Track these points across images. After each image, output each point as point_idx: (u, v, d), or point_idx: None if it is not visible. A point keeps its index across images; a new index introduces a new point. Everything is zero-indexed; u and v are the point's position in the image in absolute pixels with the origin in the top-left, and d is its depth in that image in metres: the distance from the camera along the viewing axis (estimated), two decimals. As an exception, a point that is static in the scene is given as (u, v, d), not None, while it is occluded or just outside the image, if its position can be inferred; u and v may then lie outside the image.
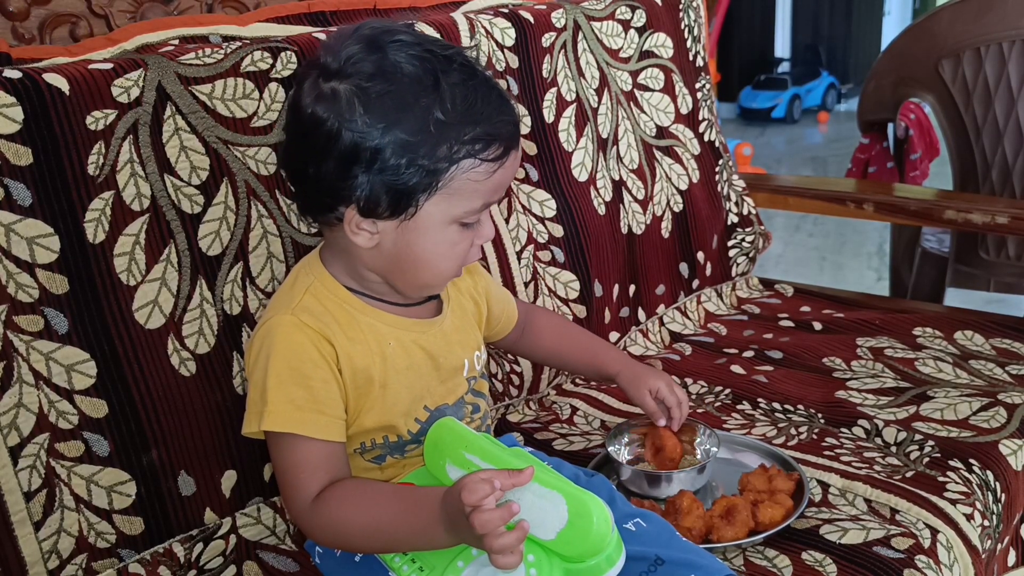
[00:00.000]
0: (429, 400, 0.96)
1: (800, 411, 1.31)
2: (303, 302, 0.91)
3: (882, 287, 3.41)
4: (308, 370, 0.88)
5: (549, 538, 0.79)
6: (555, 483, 0.80)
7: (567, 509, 0.78)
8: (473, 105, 0.86)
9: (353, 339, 0.91)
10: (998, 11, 2.10)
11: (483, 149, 0.86)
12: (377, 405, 0.93)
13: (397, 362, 0.93)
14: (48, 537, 0.93)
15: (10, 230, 0.91)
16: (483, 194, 0.88)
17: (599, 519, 0.78)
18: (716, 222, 1.69)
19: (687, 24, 1.67)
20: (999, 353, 1.47)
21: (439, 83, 0.84)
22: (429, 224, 0.88)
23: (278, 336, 0.89)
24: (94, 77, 0.99)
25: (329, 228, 0.92)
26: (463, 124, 0.85)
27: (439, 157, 0.85)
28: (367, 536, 0.86)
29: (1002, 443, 1.22)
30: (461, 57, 0.88)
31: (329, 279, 0.93)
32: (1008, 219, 1.64)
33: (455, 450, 0.86)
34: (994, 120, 2.16)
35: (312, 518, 0.87)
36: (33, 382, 0.92)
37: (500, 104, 0.88)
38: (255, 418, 0.88)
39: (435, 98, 0.84)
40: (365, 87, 0.84)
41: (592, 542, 0.78)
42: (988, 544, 1.12)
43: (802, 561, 1.00)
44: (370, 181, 0.85)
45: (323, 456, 0.88)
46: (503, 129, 0.87)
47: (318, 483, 0.88)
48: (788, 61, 8.01)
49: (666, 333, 1.58)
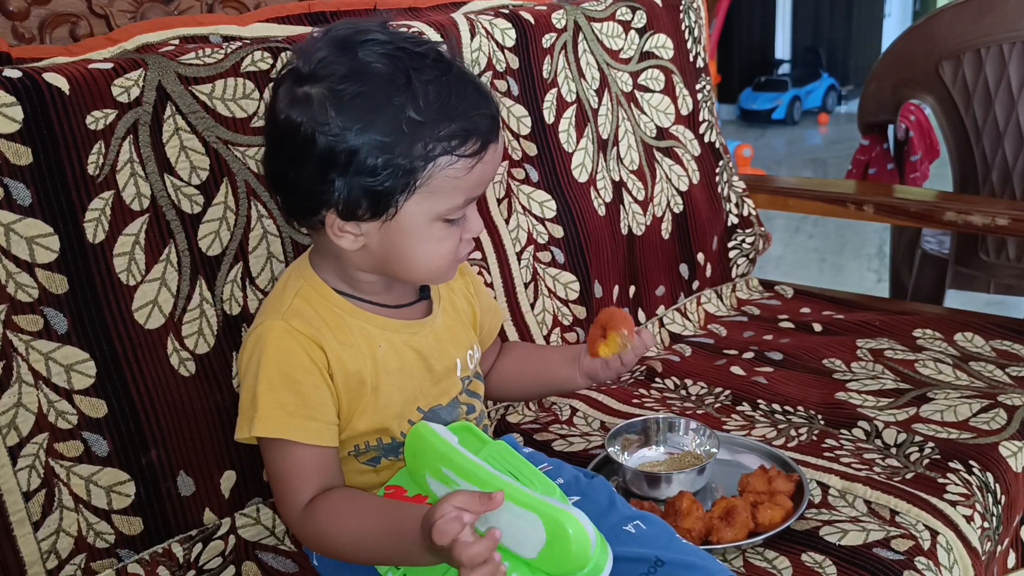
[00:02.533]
0: (422, 401, 0.96)
1: (800, 412, 1.31)
2: (293, 306, 0.91)
3: (882, 289, 3.41)
4: (299, 375, 0.88)
5: (531, 557, 0.78)
6: (530, 502, 0.78)
7: (544, 529, 0.77)
8: (447, 101, 0.85)
9: (343, 343, 0.91)
10: (998, 13, 2.10)
11: (460, 145, 0.85)
12: (370, 408, 0.92)
13: (388, 364, 0.93)
14: (47, 537, 0.93)
15: (10, 230, 0.91)
16: (464, 190, 0.87)
17: (576, 536, 0.76)
18: (716, 223, 1.69)
19: (687, 25, 1.67)
20: (999, 355, 1.47)
21: (411, 81, 0.84)
22: (412, 223, 0.87)
23: (269, 342, 0.88)
24: (94, 77, 0.99)
25: (316, 232, 0.92)
26: (438, 121, 0.84)
27: (415, 156, 0.84)
28: (353, 550, 0.86)
29: (1002, 445, 1.22)
30: (434, 52, 0.87)
31: (319, 282, 0.93)
32: (1008, 221, 1.64)
33: (433, 464, 0.85)
34: (994, 122, 2.15)
35: (303, 525, 0.88)
36: (32, 382, 0.92)
37: (476, 98, 0.87)
38: (246, 424, 0.88)
39: (408, 96, 0.83)
40: (337, 89, 0.83)
41: (573, 559, 0.76)
42: (988, 546, 1.12)
43: (802, 562, 1.00)
44: (348, 184, 0.84)
45: (315, 462, 0.88)
46: (479, 123, 0.86)
47: (310, 489, 0.88)
48: (788, 63, 8.02)
49: (666, 334, 1.58)
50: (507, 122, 1.38)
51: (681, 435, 1.20)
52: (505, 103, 1.38)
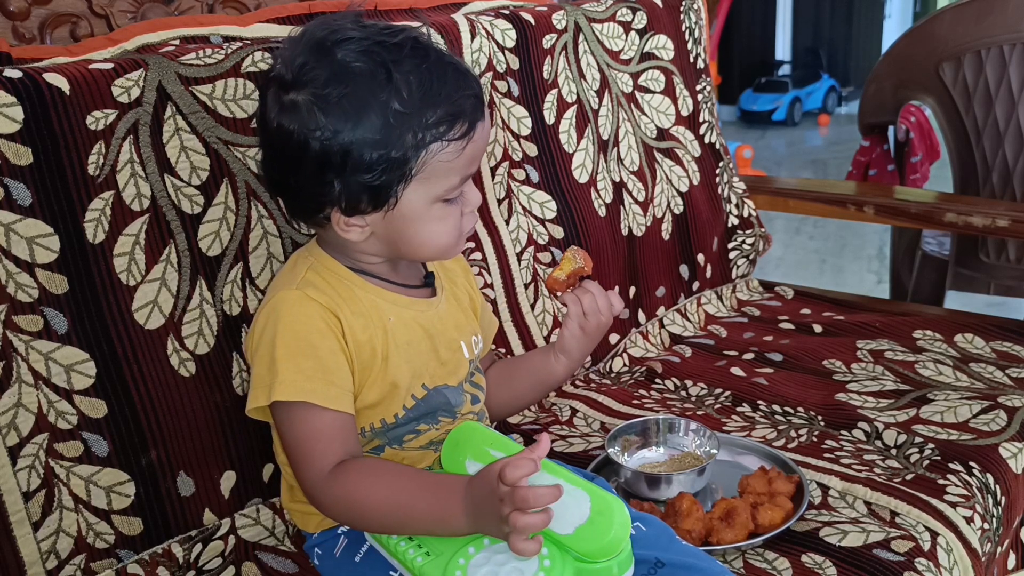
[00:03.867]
0: (428, 378, 0.97)
1: (800, 413, 1.31)
2: (306, 278, 0.92)
3: (882, 290, 3.41)
4: (316, 340, 0.88)
5: (567, 533, 0.80)
6: (579, 481, 0.81)
7: (590, 506, 0.79)
8: (430, 89, 0.86)
9: (356, 312, 0.92)
10: (999, 14, 2.10)
11: (448, 130, 0.87)
12: (379, 379, 0.93)
13: (398, 336, 0.94)
14: (47, 537, 0.92)
15: (10, 230, 0.91)
16: (458, 170, 0.89)
17: (620, 520, 0.78)
18: (716, 224, 1.69)
19: (688, 26, 1.67)
20: (999, 356, 1.47)
21: (392, 75, 0.85)
22: (413, 209, 0.89)
23: (284, 309, 0.89)
24: (94, 77, 0.99)
25: (322, 228, 0.94)
26: (423, 110, 0.86)
27: (407, 147, 0.86)
28: (384, 512, 0.86)
29: (1002, 446, 1.21)
30: (411, 41, 0.88)
31: (329, 259, 0.95)
32: (1008, 222, 1.64)
33: (479, 446, 0.87)
34: (995, 123, 2.15)
35: (328, 489, 0.87)
36: (32, 382, 0.92)
37: (457, 80, 0.89)
38: (263, 392, 0.88)
39: (391, 90, 0.85)
40: (322, 94, 0.85)
41: (609, 541, 0.78)
42: (988, 547, 1.12)
43: (802, 564, 1.00)
44: (346, 183, 0.86)
45: (336, 427, 0.89)
46: (464, 104, 0.88)
47: (334, 454, 0.88)
48: (789, 64, 8.03)
49: (666, 335, 1.58)
50: (507, 123, 1.38)
51: (681, 436, 1.20)
52: (505, 104, 1.38)
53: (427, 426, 0.97)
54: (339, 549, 0.95)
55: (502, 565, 0.82)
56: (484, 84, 1.34)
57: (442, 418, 0.98)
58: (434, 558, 0.86)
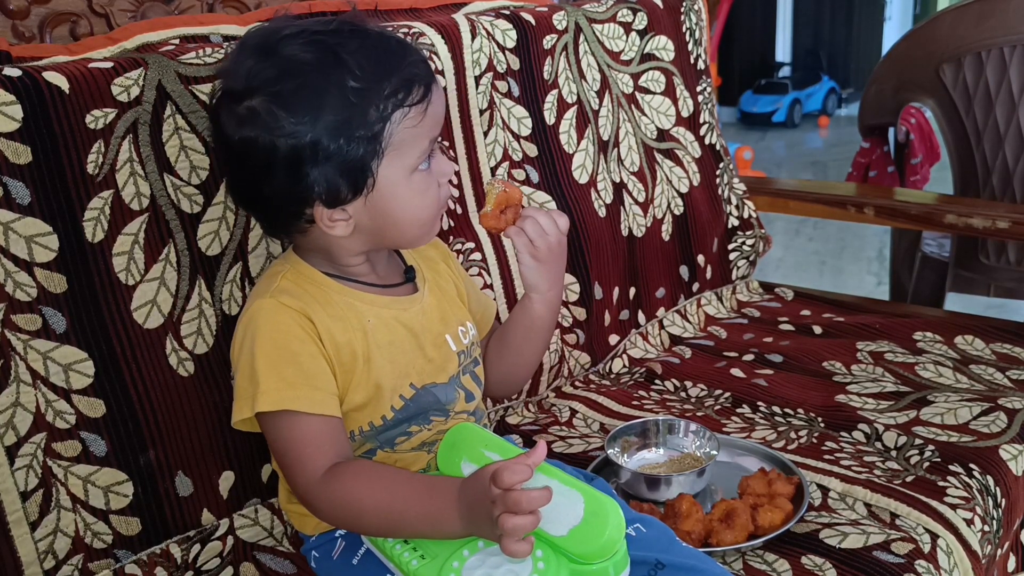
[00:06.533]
0: (415, 377, 0.96)
1: (800, 415, 1.31)
2: (280, 286, 0.92)
3: (882, 291, 3.41)
4: (296, 347, 0.89)
5: (561, 534, 0.79)
6: (574, 482, 0.81)
7: (584, 507, 0.79)
8: (380, 61, 0.87)
9: (332, 316, 0.92)
10: (999, 16, 2.10)
11: (407, 96, 0.88)
12: (363, 381, 0.93)
13: (379, 337, 0.94)
14: (44, 537, 0.92)
15: (9, 228, 0.91)
16: (425, 134, 0.90)
17: (614, 522, 0.78)
18: (716, 225, 1.69)
19: (688, 27, 1.67)
20: (999, 358, 1.46)
21: (340, 56, 0.86)
22: (391, 185, 0.90)
23: (260, 319, 0.89)
24: (94, 76, 0.98)
25: (303, 235, 0.94)
26: (379, 82, 0.87)
27: (372, 121, 0.87)
28: (378, 515, 0.86)
29: (1002, 448, 1.21)
30: (348, 25, 0.90)
31: (305, 266, 0.95)
32: (1008, 224, 1.64)
33: (474, 448, 0.87)
34: (995, 125, 2.15)
35: (321, 492, 0.87)
36: (30, 381, 0.92)
37: (401, 50, 0.90)
38: (246, 403, 0.88)
39: (343, 71, 0.86)
40: (276, 91, 0.85)
41: (603, 543, 0.78)
42: (988, 549, 1.12)
43: (801, 565, 1.00)
44: (323, 172, 0.87)
45: (325, 431, 0.89)
46: (415, 70, 0.89)
47: (325, 458, 0.88)
48: (789, 65, 8.03)
49: (666, 336, 1.57)
50: (508, 123, 1.38)
51: (681, 437, 1.20)
52: (506, 104, 1.38)
53: (418, 427, 0.97)
54: (336, 552, 0.95)
55: (496, 567, 0.82)
56: (485, 84, 1.34)
57: (434, 418, 0.98)
58: (429, 561, 0.86)
